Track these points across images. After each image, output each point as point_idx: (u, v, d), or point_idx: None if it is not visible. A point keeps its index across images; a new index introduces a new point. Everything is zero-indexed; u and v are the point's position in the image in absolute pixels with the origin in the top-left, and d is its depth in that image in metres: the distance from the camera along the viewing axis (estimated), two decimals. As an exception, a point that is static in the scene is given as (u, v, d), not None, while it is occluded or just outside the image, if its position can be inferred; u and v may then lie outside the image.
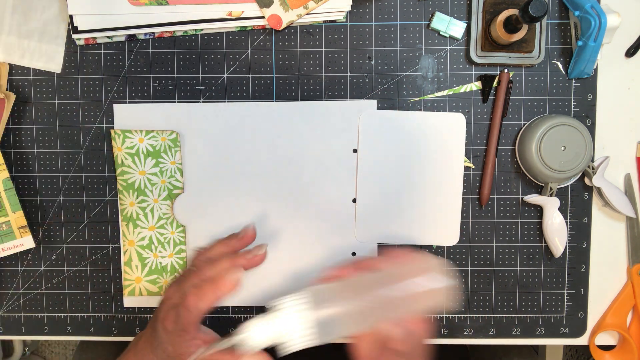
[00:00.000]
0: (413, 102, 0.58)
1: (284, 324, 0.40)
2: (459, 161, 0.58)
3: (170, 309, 0.45)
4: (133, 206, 0.58)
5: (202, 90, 0.58)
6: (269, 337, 0.41)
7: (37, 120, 0.58)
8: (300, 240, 0.59)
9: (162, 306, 0.46)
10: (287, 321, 0.40)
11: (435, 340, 0.60)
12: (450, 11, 0.57)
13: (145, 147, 0.57)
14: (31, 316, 0.60)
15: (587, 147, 0.54)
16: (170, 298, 0.46)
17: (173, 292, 0.46)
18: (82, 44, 0.57)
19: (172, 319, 0.44)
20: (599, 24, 0.51)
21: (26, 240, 0.57)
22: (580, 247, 0.59)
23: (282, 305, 0.41)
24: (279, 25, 0.56)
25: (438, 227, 0.58)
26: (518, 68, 0.57)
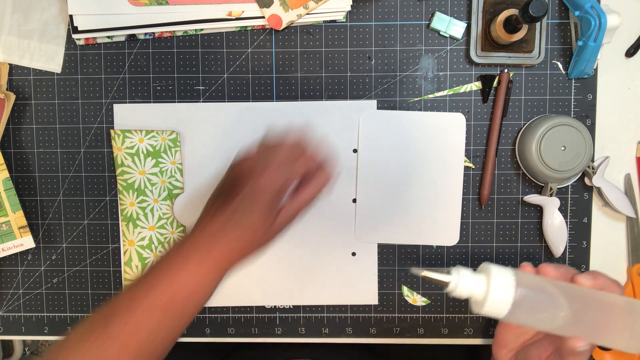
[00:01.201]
0: (413, 102, 0.58)
1: (489, 286, 0.42)
2: (459, 161, 0.58)
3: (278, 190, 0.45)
4: (133, 206, 0.58)
5: (202, 90, 0.58)
6: (472, 290, 0.43)
7: (37, 120, 0.58)
8: (300, 240, 0.59)
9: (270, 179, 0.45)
10: (492, 285, 0.42)
11: (435, 340, 0.60)
12: (450, 11, 0.57)
13: (145, 147, 0.57)
14: (31, 316, 0.60)
15: (587, 147, 0.54)
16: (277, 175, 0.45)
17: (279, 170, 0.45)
18: (82, 44, 0.57)
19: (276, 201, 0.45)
20: (599, 24, 0.51)
21: (26, 240, 0.57)
22: (580, 247, 0.59)
23: (491, 269, 0.43)
24: (279, 25, 0.56)
25: (438, 227, 0.58)
26: (518, 68, 0.57)
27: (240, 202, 0.44)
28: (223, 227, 0.44)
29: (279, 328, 0.60)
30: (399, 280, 0.59)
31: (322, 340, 0.60)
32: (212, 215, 0.45)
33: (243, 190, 0.45)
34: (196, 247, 0.44)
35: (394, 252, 0.59)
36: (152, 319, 0.42)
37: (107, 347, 0.41)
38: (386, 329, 0.60)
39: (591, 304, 0.43)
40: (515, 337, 0.49)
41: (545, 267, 0.45)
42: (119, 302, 0.43)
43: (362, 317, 0.60)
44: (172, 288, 0.42)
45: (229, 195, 0.45)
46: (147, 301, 0.42)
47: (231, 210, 0.45)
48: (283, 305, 0.60)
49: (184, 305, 0.43)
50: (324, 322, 0.60)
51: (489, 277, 0.42)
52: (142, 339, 0.42)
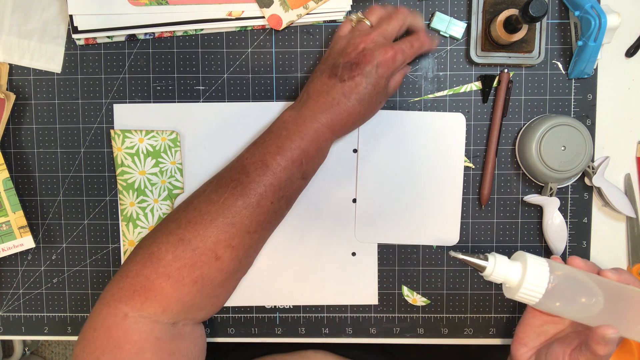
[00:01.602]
0: (413, 102, 0.58)
1: (525, 272, 0.44)
2: (459, 161, 0.58)
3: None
4: (133, 206, 0.58)
5: (202, 90, 0.58)
6: (507, 275, 0.45)
7: (37, 120, 0.58)
8: (301, 240, 0.59)
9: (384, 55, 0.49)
10: (528, 271, 0.44)
11: (435, 340, 0.60)
12: (450, 11, 0.57)
13: (145, 147, 0.57)
14: (31, 316, 0.60)
15: (587, 147, 0.54)
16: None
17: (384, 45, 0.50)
18: (82, 44, 0.57)
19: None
20: (599, 24, 0.51)
21: (26, 240, 0.57)
22: (580, 247, 0.59)
23: (526, 257, 0.45)
24: (279, 25, 0.56)
25: (438, 227, 0.58)
26: (518, 68, 0.57)
27: (365, 76, 0.48)
28: (346, 100, 0.49)
29: (279, 328, 0.60)
30: (399, 280, 0.59)
31: (322, 340, 0.60)
32: (331, 86, 0.49)
33: (367, 66, 0.49)
34: (317, 116, 0.49)
35: (394, 252, 0.59)
36: (284, 172, 0.48)
37: (247, 195, 0.47)
38: (386, 329, 0.60)
39: (620, 296, 0.45)
40: (536, 336, 0.50)
41: (575, 259, 0.47)
42: (250, 159, 0.49)
43: (362, 317, 0.60)
44: (300, 148, 0.48)
45: (352, 71, 0.49)
46: (278, 157, 0.48)
47: (353, 84, 0.49)
48: (283, 305, 0.60)
49: (307, 165, 0.49)
50: (324, 322, 0.60)
51: (524, 264, 0.45)
52: (276, 188, 0.48)
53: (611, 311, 0.44)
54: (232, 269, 0.48)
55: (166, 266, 0.46)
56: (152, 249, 0.47)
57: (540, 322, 0.49)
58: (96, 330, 0.46)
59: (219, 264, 0.47)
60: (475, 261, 0.45)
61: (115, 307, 0.46)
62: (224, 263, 0.47)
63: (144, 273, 0.46)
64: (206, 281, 0.47)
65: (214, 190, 0.48)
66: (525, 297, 0.44)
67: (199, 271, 0.46)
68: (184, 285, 0.46)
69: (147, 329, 0.46)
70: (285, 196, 0.49)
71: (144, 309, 0.46)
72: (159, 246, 0.47)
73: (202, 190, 0.50)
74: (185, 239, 0.46)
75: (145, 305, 0.46)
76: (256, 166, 0.48)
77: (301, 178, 0.50)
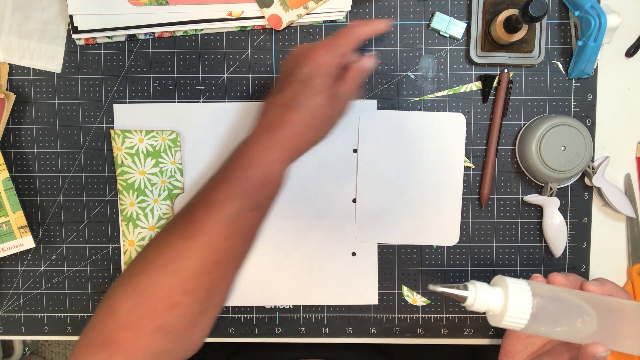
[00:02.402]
0: (413, 102, 0.58)
1: (507, 299, 0.42)
2: (459, 161, 0.58)
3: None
4: (133, 206, 0.58)
5: (202, 90, 0.58)
6: (489, 304, 0.43)
7: (37, 120, 0.58)
8: (300, 240, 0.59)
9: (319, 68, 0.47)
10: (511, 298, 0.42)
11: (435, 340, 0.60)
12: (450, 11, 0.57)
13: (145, 147, 0.57)
14: (31, 316, 0.60)
15: (587, 147, 0.54)
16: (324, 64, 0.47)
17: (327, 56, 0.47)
18: (82, 44, 0.57)
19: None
20: (599, 24, 0.51)
21: (26, 240, 0.57)
22: (580, 247, 0.59)
23: (507, 283, 0.43)
24: (279, 25, 0.56)
25: (438, 227, 0.58)
26: (518, 68, 0.57)
27: (298, 82, 0.46)
28: (284, 111, 0.46)
29: (279, 328, 0.60)
30: (399, 280, 0.59)
31: (322, 340, 0.60)
32: (270, 104, 0.47)
33: (298, 71, 0.46)
34: (259, 137, 0.46)
35: (394, 252, 0.59)
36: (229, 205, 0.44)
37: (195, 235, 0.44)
38: (386, 329, 0.60)
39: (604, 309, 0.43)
40: (523, 348, 0.49)
41: (556, 277, 0.45)
42: (198, 197, 0.46)
43: (362, 317, 0.60)
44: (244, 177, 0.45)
45: (285, 82, 0.47)
46: (222, 191, 0.44)
47: (290, 93, 0.46)
48: (283, 305, 0.60)
49: (255, 194, 0.45)
50: (324, 322, 0.60)
51: (505, 290, 0.43)
52: (224, 224, 0.44)
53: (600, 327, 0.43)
54: (196, 311, 0.45)
55: (125, 317, 0.43)
56: (113, 299, 0.45)
57: (527, 334, 0.48)
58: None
59: (179, 310, 0.43)
60: (455, 292, 0.43)
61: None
62: (185, 308, 0.44)
63: (106, 325, 0.44)
64: (170, 328, 0.43)
65: (166, 231, 0.46)
66: (510, 324, 0.42)
67: (159, 320, 0.43)
68: (146, 335, 0.43)
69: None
70: (239, 231, 0.45)
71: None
72: (119, 296, 0.44)
73: (159, 232, 0.48)
74: (139, 288, 0.44)
75: (113, 358, 0.43)
76: (201, 204, 0.45)
77: (252, 209, 0.45)
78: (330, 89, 0.46)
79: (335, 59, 0.47)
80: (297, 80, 0.46)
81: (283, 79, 0.48)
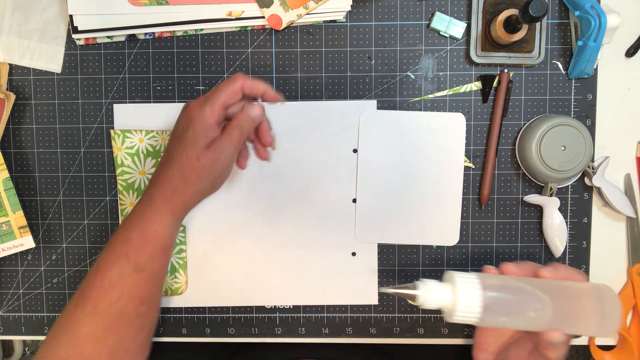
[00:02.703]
0: (413, 102, 0.58)
1: (456, 294, 0.42)
2: (459, 161, 0.58)
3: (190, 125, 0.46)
4: (133, 206, 0.58)
5: (202, 90, 0.58)
6: (440, 301, 0.43)
7: (37, 120, 0.58)
8: (300, 240, 0.59)
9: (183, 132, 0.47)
10: (459, 293, 0.42)
11: (435, 340, 0.60)
12: (450, 11, 0.57)
13: (145, 147, 0.57)
14: (31, 316, 0.60)
15: (587, 147, 0.54)
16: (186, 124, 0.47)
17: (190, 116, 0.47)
18: (82, 44, 0.57)
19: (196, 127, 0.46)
20: (599, 24, 0.51)
21: (26, 240, 0.57)
22: (580, 247, 0.59)
23: (455, 278, 0.43)
24: (279, 25, 0.56)
25: (438, 227, 0.58)
26: (518, 68, 0.57)
27: (175, 138, 0.47)
28: (160, 168, 0.47)
29: (279, 328, 0.60)
30: (399, 280, 0.59)
31: (322, 340, 0.60)
32: (160, 161, 0.49)
33: (175, 127, 0.48)
34: (141, 197, 0.48)
35: (394, 252, 0.59)
36: (111, 269, 0.45)
37: (82, 302, 0.45)
38: (386, 329, 0.60)
39: (559, 295, 0.43)
40: (494, 340, 0.49)
41: (507, 266, 0.45)
42: (97, 263, 0.47)
43: (362, 317, 0.60)
44: (122, 240, 0.46)
45: (170, 139, 0.48)
46: (106, 256, 0.46)
47: (167, 149, 0.47)
48: (283, 305, 0.60)
49: (136, 256, 0.45)
50: (324, 322, 0.60)
51: (454, 285, 0.43)
52: (107, 289, 0.45)
53: (553, 312, 0.42)
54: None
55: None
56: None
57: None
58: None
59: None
60: (405, 292, 0.43)
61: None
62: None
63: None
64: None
65: (69, 302, 0.47)
66: (463, 318, 0.42)
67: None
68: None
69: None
70: (125, 294, 0.44)
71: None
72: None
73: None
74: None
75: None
76: (92, 269, 0.46)
77: (136, 271, 0.45)
78: (203, 139, 0.45)
79: (212, 110, 0.46)
80: (174, 135, 0.47)
81: (169, 137, 0.49)
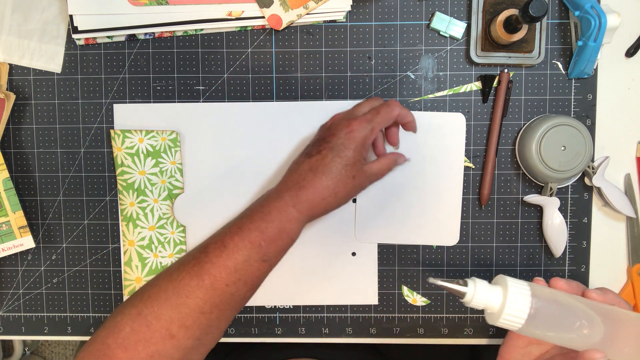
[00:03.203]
0: (413, 102, 0.58)
1: (505, 298, 0.42)
2: (459, 161, 0.58)
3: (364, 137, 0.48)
4: (133, 206, 0.58)
5: (202, 90, 0.58)
6: (487, 302, 0.43)
7: (37, 120, 0.58)
8: (300, 240, 0.58)
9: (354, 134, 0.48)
10: (509, 297, 0.42)
11: (435, 340, 0.60)
12: (450, 11, 0.57)
13: (145, 147, 0.57)
14: (31, 316, 0.60)
15: (587, 147, 0.54)
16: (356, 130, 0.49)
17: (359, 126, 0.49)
18: (82, 44, 0.57)
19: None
20: (599, 24, 0.51)
21: (26, 240, 0.57)
22: (580, 247, 0.59)
23: (507, 282, 0.43)
24: (279, 25, 0.56)
25: (438, 227, 0.58)
26: (518, 68, 0.57)
27: (330, 149, 0.48)
28: (311, 174, 0.48)
29: (279, 328, 0.60)
30: (399, 280, 0.59)
31: (322, 340, 0.60)
32: (299, 164, 0.49)
33: (333, 139, 0.48)
34: (281, 194, 0.48)
35: (394, 252, 0.59)
36: (240, 253, 0.46)
37: (201, 275, 0.46)
38: (386, 329, 0.60)
39: (608, 318, 0.43)
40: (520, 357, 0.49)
41: (557, 281, 0.46)
42: (212, 239, 0.48)
43: (362, 317, 0.60)
44: (259, 229, 0.47)
45: (319, 146, 0.49)
46: (236, 238, 0.46)
47: (320, 158, 0.48)
48: (283, 305, 0.60)
49: (267, 247, 0.47)
50: (324, 322, 0.60)
51: (505, 289, 0.43)
52: (230, 270, 0.46)
53: (597, 333, 0.42)
54: (190, 346, 0.47)
55: (124, 338, 0.46)
56: (117, 318, 0.47)
57: (524, 342, 0.48)
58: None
59: (174, 342, 0.46)
60: (455, 287, 0.43)
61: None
62: (180, 341, 0.46)
63: (107, 342, 0.46)
64: (163, 357, 0.46)
65: (177, 266, 0.48)
66: (507, 323, 0.43)
67: (154, 347, 0.45)
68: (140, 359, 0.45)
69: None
70: (243, 279, 0.47)
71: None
72: (122, 317, 0.47)
73: (175, 262, 0.50)
74: (142, 314, 0.46)
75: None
76: (215, 246, 0.47)
77: (261, 260, 0.47)
78: (360, 162, 0.48)
79: (370, 134, 0.48)
80: (330, 147, 0.48)
81: (317, 143, 0.49)
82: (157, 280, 0.48)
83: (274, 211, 0.47)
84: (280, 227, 0.47)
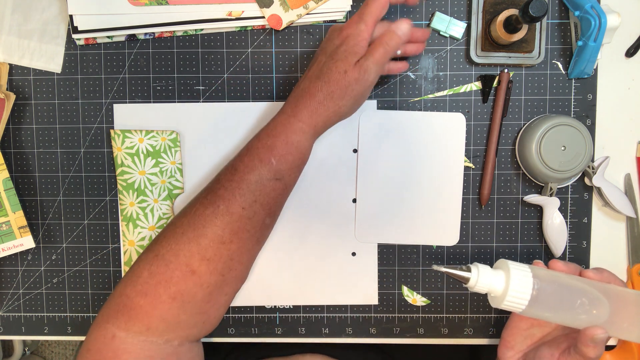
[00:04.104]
0: (413, 102, 0.58)
1: (508, 281, 0.43)
2: (459, 161, 0.58)
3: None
4: (133, 206, 0.58)
5: (202, 90, 0.58)
6: (491, 285, 0.44)
7: (37, 120, 0.58)
8: (301, 240, 0.59)
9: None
10: (512, 280, 0.43)
11: (435, 340, 0.60)
12: (450, 11, 0.57)
13: (145, 147, 0.57)
14: (31, 316, 0.60)
15: (587, 147, 0.54)
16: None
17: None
18: (82, 44, 0.57)
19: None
20: (599, 24, 0.51)
21: (26, 240, 0.57)
22: (580, 247, 0.59)
23: (509, 265, 0.44)
24: (279, 25, 0.56)
25: (438, 227, 0.58)
26: (518, 68, 0.57)
27: (326, 55, 0.47)
28: (308, 82, 0.47)
29: (279, 328, 0.60)
30: (399, 280, 0.59)
31: (322, 340, 0.60)
32: (300, 80, 0.49)
33: (328, 44, 0.48)
34: (284, 108, 0.48)
35: (394, 252, 0.59)
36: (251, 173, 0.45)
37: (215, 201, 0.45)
38: (386, 329, 0.60)
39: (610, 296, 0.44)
40: (523, 339, 0.49)
41: (556, 263, 0.46)
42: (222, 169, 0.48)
43: (362, 317, 0.60)
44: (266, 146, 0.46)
45: (317, 57, 0.49)
46: (246, 159, 0.46)
47: (316, 65, 0.48)
48: (283, 305, 0.60)
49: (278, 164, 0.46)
50: (324, 322, 0.60)
51: (507, 272, 0.44)
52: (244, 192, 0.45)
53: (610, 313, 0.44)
54: (214, 283, 0.45)
55: (143, 284, 0.44)
56: (134, 267, 0.46)
57: (527, 325, 0.49)
58: (89, 351, 0.45)
59: (196, 279, 0.44)
60: (458, 273, 0.45)
61: (105, 328, 0.45)
62: (202, 277, 0.44)
63: (125, 292, 0.45)
64: (186, 297, 0.44)
65: (191, 202, 0.47)
66: (510, 305, 0.44)
67: (176, 287, 0.44)
68: (162, 303, 0.44)
69: (136, 348, 0.44)
70: (259, 201, 0.45)
71: (128, 328, 0.44)
72: (138, 263, 0.45)
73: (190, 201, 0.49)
74: (159, 255, 0.44)
75: (129, 325, 0.44)
76: (226, 171, 0.46)
77: (274, 179, 0.46)
78: (354, 55, 0.46)
79: (366, 26, 0.47)
80: (323, 52, 0.48)
81: (315, 56, 0.50)
82: (172, 220, 0.47)
83: (278, 126, 0.47)
84: (286, 139, 0.46)
